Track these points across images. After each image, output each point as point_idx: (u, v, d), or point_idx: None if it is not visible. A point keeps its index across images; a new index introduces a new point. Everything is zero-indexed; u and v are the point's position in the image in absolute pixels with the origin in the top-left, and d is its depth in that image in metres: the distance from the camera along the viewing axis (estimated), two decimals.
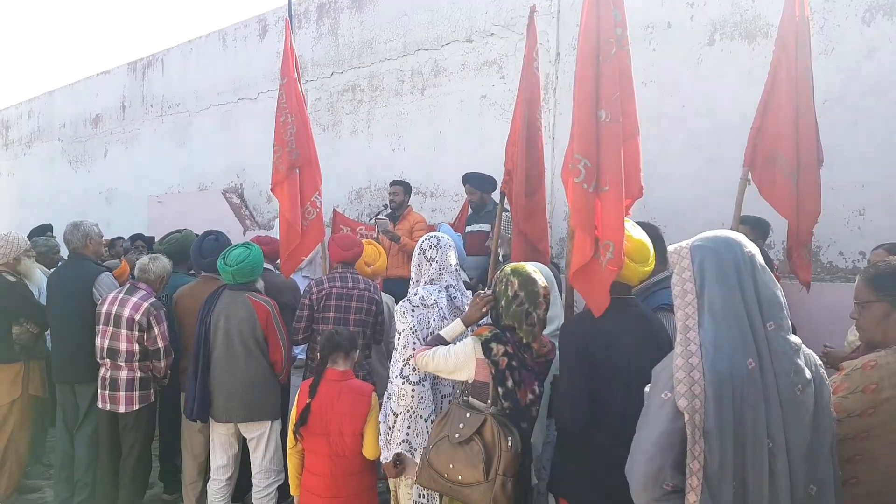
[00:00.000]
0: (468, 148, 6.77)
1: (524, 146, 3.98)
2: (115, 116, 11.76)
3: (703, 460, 1.74)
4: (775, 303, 1.85)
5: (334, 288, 4.12)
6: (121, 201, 11.45)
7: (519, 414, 2.61)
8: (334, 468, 3.23)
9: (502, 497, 2.44)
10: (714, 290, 1.84)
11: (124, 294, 4.17)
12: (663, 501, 1.82)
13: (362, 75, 7.96)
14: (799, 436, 1.80)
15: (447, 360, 2.71)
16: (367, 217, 7.28)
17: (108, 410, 4.13)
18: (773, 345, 1.82)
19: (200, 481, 4.28)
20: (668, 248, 2.01)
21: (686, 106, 5.33)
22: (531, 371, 2.67)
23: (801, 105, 3.56)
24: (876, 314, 2.19)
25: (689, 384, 1.78)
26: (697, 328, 1.83)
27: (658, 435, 1.83)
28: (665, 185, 5.26)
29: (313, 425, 3.26)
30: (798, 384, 1.82)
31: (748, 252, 1.89)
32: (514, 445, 2.45)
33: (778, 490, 1.78)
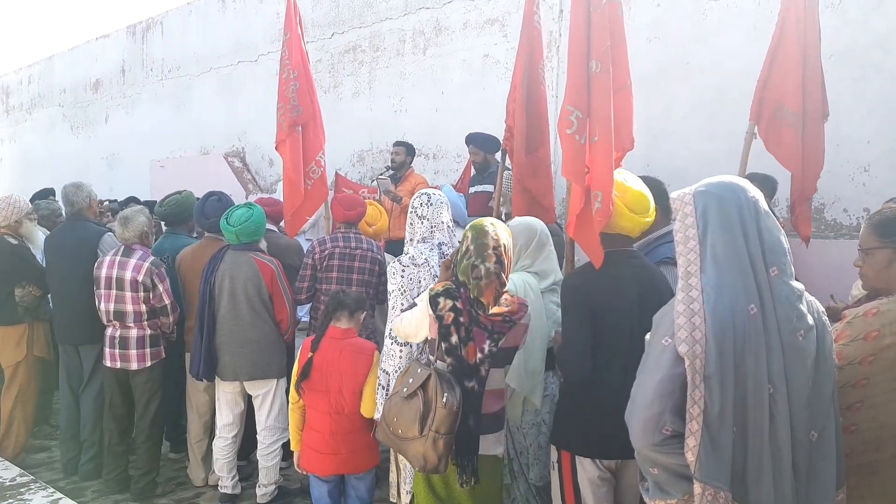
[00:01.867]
0: (471, 108, 6.69)
1: (524, 102, 3.92)
2: (116, 81, 11.65)
3: (703, 405, 1.74)
4: (778, 248, 1.83)
5: (337, 248, 4.11)
6: (123, 166, 11.42)
7: (464, 371, 2.53)
8: (334, 425, 3.25)
9: (432, 454, 2.41)
10: (717, 236, 1.82)
11: (121, 256, 4.14)
12: (662, 446, 1.82)
13: (363, 35, 7.85)
14: (800, 381, 1.79)
15: (410, 322, 2.67)
16: (370, 180, 7.24)
17: (119, 369, 4.16)
18: (776, 290, 1.80)
19: (206, 440, 4.33)
20: (671, 195, 1.97)
21: (691, 62, 5.25)
22: (484, 329, 2.55)
23: (809, 58, 3.50)
24: (880, 260, 2.17)
25: (689, 329, 1.77)
26: (699, 273, 1.81)
27: (658, 381, 1.83)
28: (670, 141, 5.20)
29: (315, 381, 3.27)
30: (800, 329, 1.80)
31: (752, 197, 1.86)
32: (448, 402, 2.38)
33: (778, 435, 1.78)
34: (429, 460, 2.44)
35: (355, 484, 3.39)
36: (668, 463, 1.84)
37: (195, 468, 4.38)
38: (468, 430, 2.53)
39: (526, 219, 3.31)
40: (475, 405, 2.56)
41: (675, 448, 1.81)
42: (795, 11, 3.54)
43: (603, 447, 2.49)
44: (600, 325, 2.47)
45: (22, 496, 3.29)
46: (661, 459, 1.84)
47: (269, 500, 4.02)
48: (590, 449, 2.52)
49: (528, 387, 3.07)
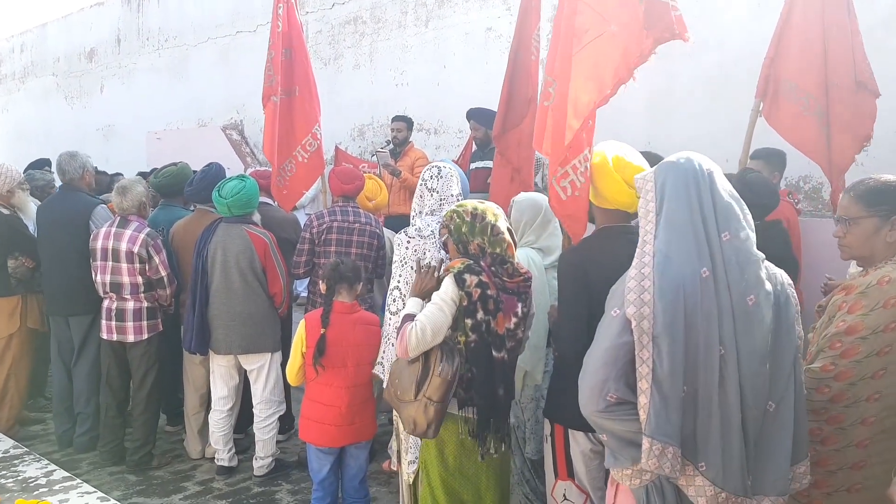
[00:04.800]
0: (473, 83, 6.59)
1: (511, 73, 3.90)
2: (111, 50, 11.48)
3: (651, 364, 1.82)
4: (732, 214, 1.90)
5: (335, 222, 4.07)
6: (118, 138, 11.29)
7: (493, 343, 2.55)
8: (350, 398, 3.26)
9: (422, 419, 2.46)
10: (672, 204, 1.90)
11: (117, 227, 4.10)
12: (607, 412, 1.90)
13: (364, 6, 7.71)
14: (750, 346, 1.85)
15: (443, 313, 2.51)
16: (370, 154, 7.17)
17: (116, 341, 4.13)
18: (727, 254, 1.87)
19: (203, 413, 4.32)
20: (636, 176, 2.07)
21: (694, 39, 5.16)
22: (512, 293, 2.59)
23: (832, 31, 3.39)
24: (865, 230, 2.20)
25: (638, 292, 1.86)
26: (653, 241, 1.90)
27: (604, 350, 1.92)
28: (672, 119, 5.15)
29: (330, 357, 3.24)
30: (749, 294, 1.86)
31: (707, 168, 1.95)
32: (444, 372, 2.42)
33: (728, 395, 1.84)
34: (418, 424, 2.49)
35: (355, 453, 3.41)
36: (615, 429, 1.92)
37: (192, 441, 4.38)
38: (497, 399, 2.58)
39: (532, 194, 3.29)
40: (505, 375, 2.60)
41: (622, 414, 1.89)
42: None
43: None
44: (596, 300, 2.44)
45: (16, 468, 3.28)
46: (608, 425, 1.93)
47: (266, 472, 4.04)
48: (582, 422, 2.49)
49: (530, 362, 3.09)
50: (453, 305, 2.54)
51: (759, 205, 3.29)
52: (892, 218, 2.17)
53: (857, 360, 2.10)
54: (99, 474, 4.15)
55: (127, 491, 3.94)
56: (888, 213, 2.17)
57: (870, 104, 3.46)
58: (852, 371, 2.11)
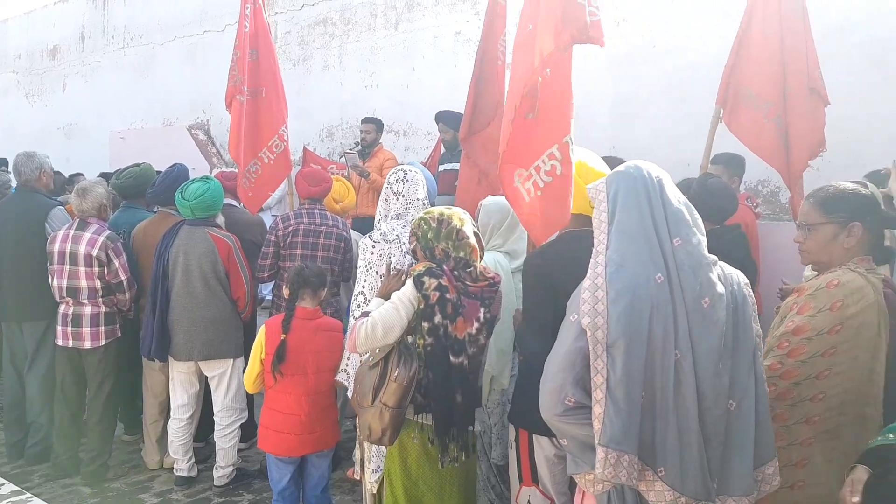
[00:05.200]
0: (442, 85, 6.59)
1: (476, 78, 3.93)
2: (74, 48, 11.24)
3: (605, 374, 1.83)
4: (682, 220, 1.92)
5: (301, 224, 4.02)
6: (81, 137, 11.05)
7: (450, 348, 2.53)
8: (311, 406, 3.21)
9: (377, 425, 2.46)
10: (623, 214, 1.92)
11: (76, 230, 3.98)
12: (565, 416, 1.91)
13: (334, 8, 7.67)
14: (706, 347, 1.86)
15: (397, 313, 2.50)
16: (339, 156, 7.12)
17: (72, 348, 4.00)
18: (679, 259, 1.88)
19: (162, 421, 4.21)
20: (588, 186, 2.08)
21: (658, 46, 5.24)
22: (475, 298, 2.57)
23: (788, 39, 3.48)
24: (824, 236, 2.26)
25: (592, 303, 1.87)
26: (605, 251, 1.91)
27: (562, 354, 1.93)
28: (636, 123, 5.21)
29: (290, 364, 3.18)
30: (704, 297, 1.87)
31: (656, 176, 1.98)
32: (399, 377, 2.42)
33: (685, 399, 1.85)
34: (373, 431, 2.48)
35: (317, 462, 3.36)
36: (574, 433, 1.93)
37: (150, 450, 4.27)
38: (454, 406, 2.55)
39: (499, 198, 3.28)
40: (464, 381, 2.57)
41: (580, 418, 1.90)
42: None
43: None
44: (560, 304, 2.44)
45: None
46: (567, 429, 1.94)
47: (227, 482, 3.95)
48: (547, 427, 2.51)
49: (497, 366, 3.09)
50: (410, 306, 2.53)
51: (719, 209, 3.34)
52: (850, 224, 2.22)
53: (803, 360, 2.16)
54: (51, 487, 4.01)
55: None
56: (845, 219, 2.22)
57: (820, 111, 3.57)
58: (797, 370, 2.17)
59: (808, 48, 3.52)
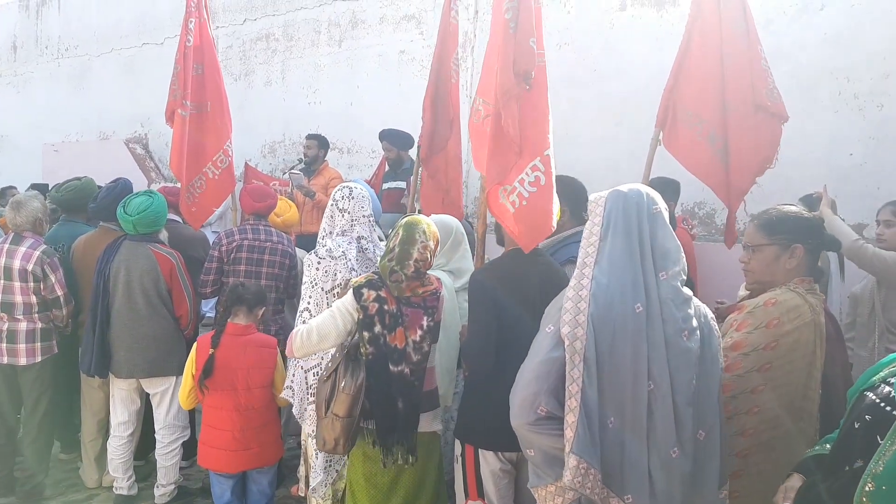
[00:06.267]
0: (386, 104, 6.68)
1: (433, 97, 4.02)
2: (6, 58, 10.88)
3: (581, 383, 1.86)
4: (669, 256, 1.99)
5: (245, 240, 4.01)
6: (12, 149, 10.68)
7: (390, 357, 2.61)
8: (244, 422, 3.21)
9: (330, 435, 2.54)
10: (616, 237, 1.96)
11: (10, 244, 3.89)
12: (536, 425, 1.93)
13: (277, 24, 7.68)
14: (685, 380, 1.91)
15: (334, 320, 2.63)
16: (281, 172, 7.11)
17: (6, 364, 3.89)
18: (663, 292, 1.94)
19: (101, 439, 4.12)
20: (590, 197, 2.11)
21: (598, 69, 5.44)
22: (417, 307, 2.67)
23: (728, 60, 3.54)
24: (767, 256, 2.35)
25: (574, 313, 1.90)
26: (593, 266, 1.95)
27: (537, 363, 1.95)
28: (576, 145, 5.37)
29: (219, 380, 3.21)
30: (685, 330, 1.93)
31: (655, 208, 2.02)
32: (346, 387, 2.51)
33: (656, 430, 1.89)
34: (327, 441, 2.55)
35: (257, 478, 3.36)
36: (542, 444, 1.95)
37: (88, 469, 4.17)
38: (397, 412, 2.61)
39: (442, 217, 3.34)
40: (406, 388, 2.63)
41: (550, 429, 1.92)
42: (706, 19, 3.61)
43: (505, 440, 2.51)
44: (505, 320, 2.54)
45: None
46: (536, 440, 1.95)
47: (168, 500, 3.89)
48: (492, 442, 2.57)
49: (441, 384, 3.10)
50: (347, 315, 2.62)
51: None
52: (791, 246, 2.31)
53: (739, 375, 2.23)
54: None
55: None
56: (788, 241, 2.32)
57: (771, 127, 3.55)
58: (734, 384, 2.23)
59: (754, 67, 3.53)
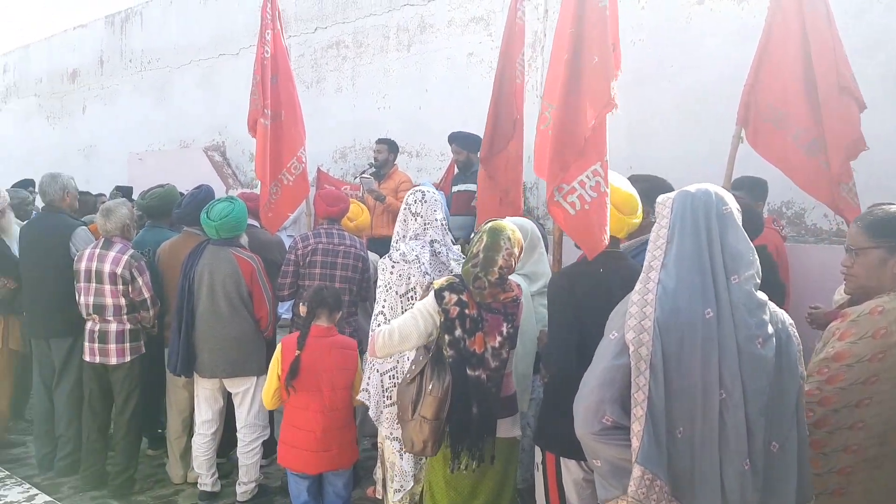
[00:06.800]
0: (455, 106, 6.68)
1: (496, 98, 3.99)
2: (94, 72, 11.47)
3: (647, 391, 1.78)
4: (741, 259, 1.89)
5: (320, 244, 4.08)
6: (100, 158, 11.25)
7: (468, 362, 2.61)
8: (326, 423, 3.26)
9: (418, 437, 2.55)
10: (684, 239, 1.89)
11: (101, 249, 4.09)
12: (602, 435, 1.86)
13: (347, 31, 7.81)
14: (758, 389, 1.82)
15: (415, 322, 2.65)
16: (352, 177, 7.21)
17: (98, 363, 4.10)
18: (735, 297, 1.84)
19: (185, 436, 4.28)
20: (658, 199, 2.03)
21: (674, 66, 5.30)
22: (498, 313, 2.66)
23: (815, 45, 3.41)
24: (872, 260, 2.20)
25: (639, 318, 1.83)
26: (660, 269, 1.88)
27: (601, 370, 1.89)
28: (651, 145, 5.24)
29: (305, 381, 3.27)
30: (758, 337, 1.84)
31: (725, 208, 1.93)
32: (433, 390, 2.52)
33: (728, 441, 1.81)
34: (415, 443, 2.56)
35: (333, 480, 3.40)
36: (608, 454, 1.88)
37: (174, 465, 4.34)
38: (471, 417, 2.61)
39: (516, 219, 3.32)
40: (482, 394, 2.63)
41: (616, 439, 1.85)
42: (784, 14, 3.52)
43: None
44: (586, 324, 2.48)
45: None
46: (602, 450, 1.88)
47: (249, 497, 3.99)
48: (574, 450, 2.51)
49: (517, 390, 3.08)
50: (428, 317, 2.63)
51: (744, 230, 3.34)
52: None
53: (842, 388, 2.11)
54: (80, 499, 4.09)
55: None
56: (895, 245, 2.16)
57: (854, 111, 3.42)
58: (836, 397, 2.12)
59: (837, 51, 3.41)
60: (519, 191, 4.10)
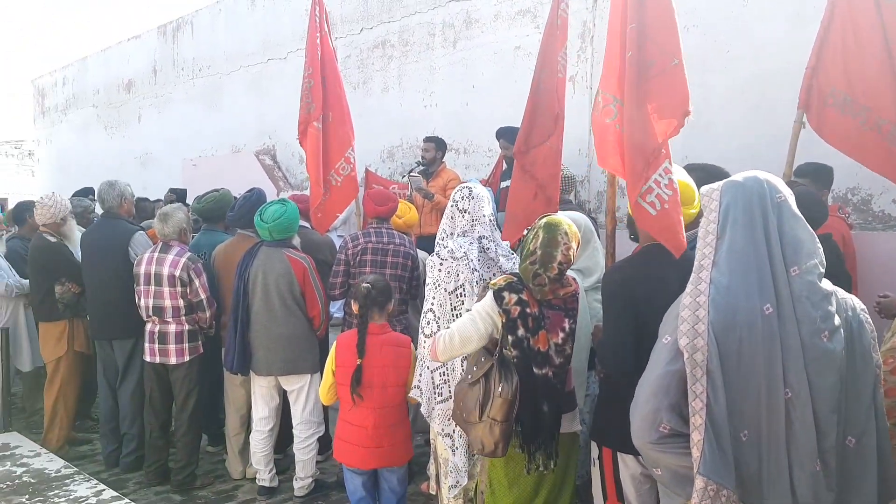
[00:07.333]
0: (502, 101, 6.62)
1: (535, 91, 3.92)
2: (148, 81, 11.81)
3: (705, 398, 1.70)
4: (801, 249, 1.78)
5: (370, 243, 4.10)
6: (155, 165, 11.58)
7: (534, 360, 2.60)
8: (377, 419, 3.26)
9: (489, 439, 2.52)
10: (736, 232, 1.79)
11: (159, 253, 4.21)
12: (660, 444, 1.80)
13: (392, 30, 7.83)
14: (826, 386, 1.72)
15: (474, 324, 2.63)
16: (400, 175, 7.23)
17: (159, 363, 4.22)
18: (796, 290, 1.74)
19: (243, 433, 4.38)
20: (701, 190, 1.95)
21: (731, 51, 5.14)
22: (559, 309, 2.65)
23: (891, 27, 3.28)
24: None
25: (692, 322, 1.74)
26: (711, 268, 1.78)
27: (655, 377, 1.82)
28: (709, 133, 5.09)
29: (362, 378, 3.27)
30: (824, 331, 1.74)
31: (778, 196, 1.83)
32: (504, 392, 2.48)
33: (797, 441, 1.72)
34: (486, 445, 2.54)
35: (387, 476, 3.41)
36: (669, 463, 1.81)
37: (233, 461, 4.43)
38: (541, 415, 2.61)
39: (570, 213, 3.28)
40: (550, 391, 2.63)
41: (675, 448, 1.78)
42: None
43: None
44: (643, 319, 2.43)
45: (67, 487, 3.36)
46: (662, 459, 1.82)
47: (306, 492, 4.06)
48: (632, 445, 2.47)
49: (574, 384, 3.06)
50: (488, 319, 2.61)
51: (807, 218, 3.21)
52: None
53: None
54: (145, 494, 4.22)
55: None
56: None
57: None
58: None
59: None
60: (556, 186, 4.01)
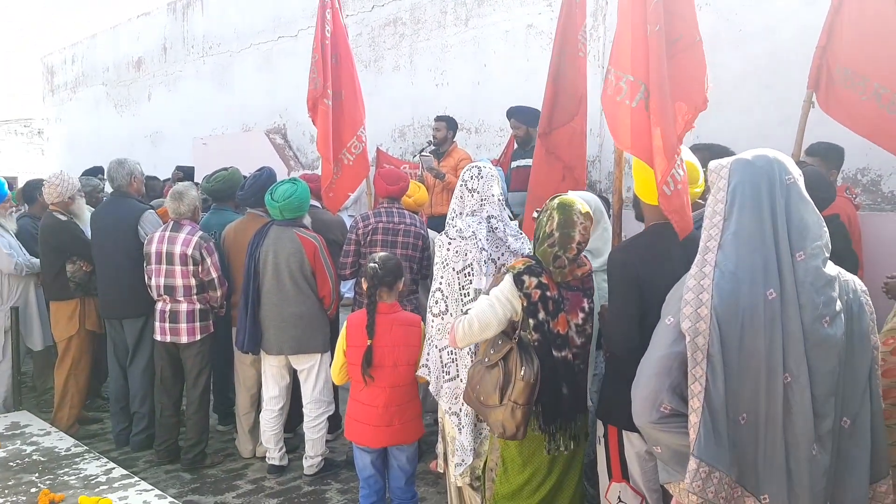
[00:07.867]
0: (514, 80, 6.57)
1: (556, 72, 3.88)
2: (157, 59, 11.76)
3: (704, 382, 1.71)
4: (808, 233, 1.76)
5: (380, 223, 4.10)
6: (166, 144, 11.57)
7: (554, 344, 2.60)
8: (388, 398, 3.27)
9: (511, 423, 2.51)
10: (743, 214, 1.76)
11: (171, 231, 4.21)
12: (661, 423, 1.82)
13: (404, 7, 7.75)
14: (825, 371, 1.72)
15: (493, 310, 2.60)
16: (412, 155, 7.20)
17: (169, 342, 4.24)
18: (800, 275, 1.73)
19: (253, 412, 4.41)
20: (710, 165, 1.91)
21: (743, 29, 5.06)
22: (577, 290, 2.66)
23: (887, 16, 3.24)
24: None
25: (695, 305, 1.74)
26: (717, 250, 1.77)
27: (657, 359, 1.83)
28: (720, 111, 5.01)
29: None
30: (825, 316, 1.73)
31: (788, 178, 1.79)
32: (526, 375, 2.48)
33: (794, 425, 1.73)
34: (507, 428, 2.54)
35: (397, 454, 3.43)
36: (669, 442, 1.84)
37: (243, 440, 4.47)
38: (561, 397, 2.62)
39: (579, 193, 3.25)
40: (570, 373, 2.64)
41: (675, 427, 1.80)
42: None
43: None
44: (648, 298, 2.42)
45: (77, 465, 3.39)
46: (662, 438, 1.85)
47: (316, 471, 4.09)
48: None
49: None
50: (507, 304, 2.59)
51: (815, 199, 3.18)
52: None
53: None
54: (155, 472, 4.26)
55: (182, 489, 4.04)
56: None
57: None
58: None
59: None
60: (584, 166, 4.01)
